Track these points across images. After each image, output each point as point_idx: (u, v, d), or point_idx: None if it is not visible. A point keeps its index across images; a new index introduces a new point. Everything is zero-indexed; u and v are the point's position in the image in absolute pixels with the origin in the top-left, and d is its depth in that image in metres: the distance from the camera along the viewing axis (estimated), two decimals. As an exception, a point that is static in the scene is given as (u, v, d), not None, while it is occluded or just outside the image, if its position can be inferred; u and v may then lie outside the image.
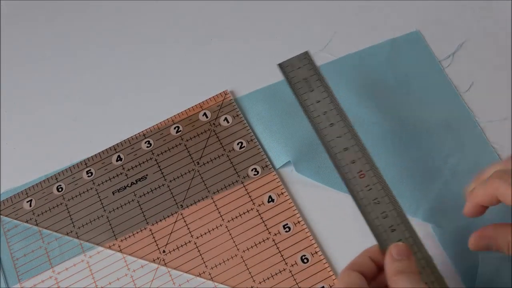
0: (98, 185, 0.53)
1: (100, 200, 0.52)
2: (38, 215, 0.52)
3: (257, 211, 0.50)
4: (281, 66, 0.48)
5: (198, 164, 0.53)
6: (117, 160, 0.54)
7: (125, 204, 0.52)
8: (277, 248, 0.49)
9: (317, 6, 0.61)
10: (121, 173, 0.53)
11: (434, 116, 0.52)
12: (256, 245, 0.49)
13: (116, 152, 0.54)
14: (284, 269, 0.48)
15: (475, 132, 0.51)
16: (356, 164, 0.43)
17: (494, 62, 0.55)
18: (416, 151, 0.51)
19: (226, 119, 0.55)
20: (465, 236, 0.44)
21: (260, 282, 0.47)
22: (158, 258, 0.49)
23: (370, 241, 0.42)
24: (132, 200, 0.52)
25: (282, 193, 0.51)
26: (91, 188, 0.53)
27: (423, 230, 0.47)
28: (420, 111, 0.53)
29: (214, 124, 0.55)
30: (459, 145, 0.51)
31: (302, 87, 0.46)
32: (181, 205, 0.51)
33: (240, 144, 0.53)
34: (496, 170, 0.41)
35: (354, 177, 0.42)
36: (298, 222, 0.49)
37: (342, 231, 0.49)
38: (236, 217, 0.50)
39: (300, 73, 0.47)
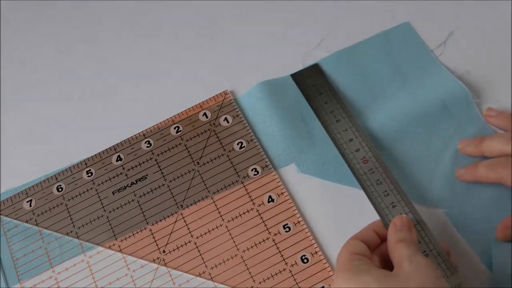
0: (98, 185, 0.53)
1: (100, 200, 0.52)
2: (38, 215, 0.52)
3: (257, 211, 0.50)
4: (294, 75, 0.56)
5: (198, 164, 0.53)
6: (117, 160, 0.54)
7: (125, 204, 0.52)
8: (277, 248, 0.49)
9: (312, 5, 0.61)
10: (121, 173, 0.53)
11: (431, 101, 0.53)
12: (256, 245, 0.49)
13: (116, 152, 0.54)
14: (284, 269, 0.48)
15: (473, 112, 0.52)
16: (359, 152, 0.49)
17: (486, 50, 0.56)
18: (417, 138, 0.52)
19: (226, 119, 0.55)
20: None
21: (260, 282, 0.47)
22: (158, 258, 0.49)
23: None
24: (132, 200, 0.52)
25: (282, 193, 0.51)
26: (91, 188, 0.53)
27: (435, 214, 0.48)
28: (417, 98, 0.53)
29: (214, 124, 0.55)
30: (458, 127, 0.51)
31: (312, 91, 0.54)
32: (181, 205, 0.51)
33: (240, 144, 0.53)
34: (501, 158, 0.46)
35: (358, 163, 0.48)
36: (298, 222, 0.49)
37: (342, 231, 0.49)
38: (236, 217, 0.50)
39: (310, 81, 0.55)
